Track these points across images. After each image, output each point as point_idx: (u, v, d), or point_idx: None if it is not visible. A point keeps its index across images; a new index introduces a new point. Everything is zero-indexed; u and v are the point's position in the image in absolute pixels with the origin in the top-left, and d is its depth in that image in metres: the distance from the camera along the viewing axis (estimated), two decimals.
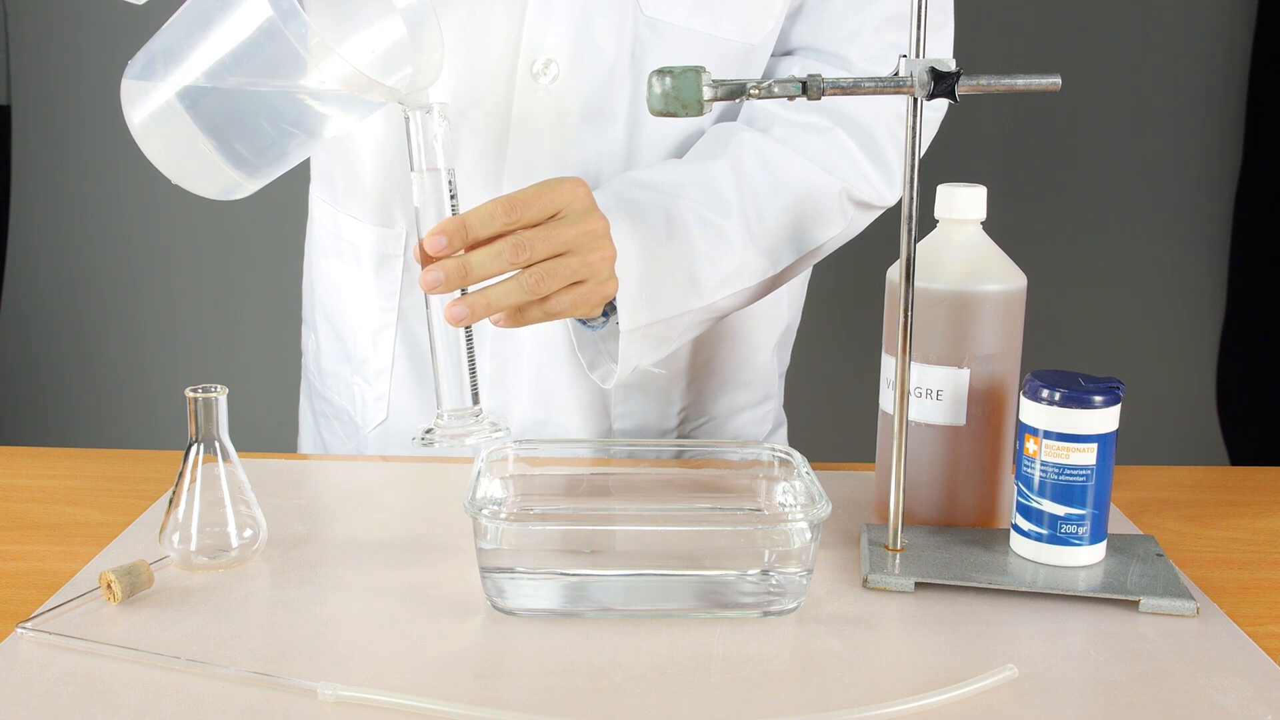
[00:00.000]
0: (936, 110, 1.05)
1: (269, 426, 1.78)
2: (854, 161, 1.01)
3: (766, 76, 1.02)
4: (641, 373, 1.00)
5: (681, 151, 1.03)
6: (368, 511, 0.92)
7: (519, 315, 0.85)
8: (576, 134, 1.00)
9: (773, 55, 1.04)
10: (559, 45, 0.97)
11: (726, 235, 0.96)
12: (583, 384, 1.06)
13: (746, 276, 0.98)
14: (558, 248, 0.84)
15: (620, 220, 0.90)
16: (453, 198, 0.82)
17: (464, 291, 0.82)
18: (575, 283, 0.85)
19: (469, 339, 0.84)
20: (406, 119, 0.81)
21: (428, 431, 0.84)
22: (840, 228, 1.02)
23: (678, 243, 0.94)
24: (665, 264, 0.93)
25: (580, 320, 0.96)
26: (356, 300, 1.11)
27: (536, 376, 1.06)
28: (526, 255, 0.82)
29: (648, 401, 1.09)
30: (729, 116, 1.05)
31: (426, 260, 0.81)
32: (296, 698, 0.66)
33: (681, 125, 1.02)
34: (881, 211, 1.05)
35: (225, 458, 0.81)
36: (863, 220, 1.04)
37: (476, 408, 0.84)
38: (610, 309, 0.93)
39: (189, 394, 0.80)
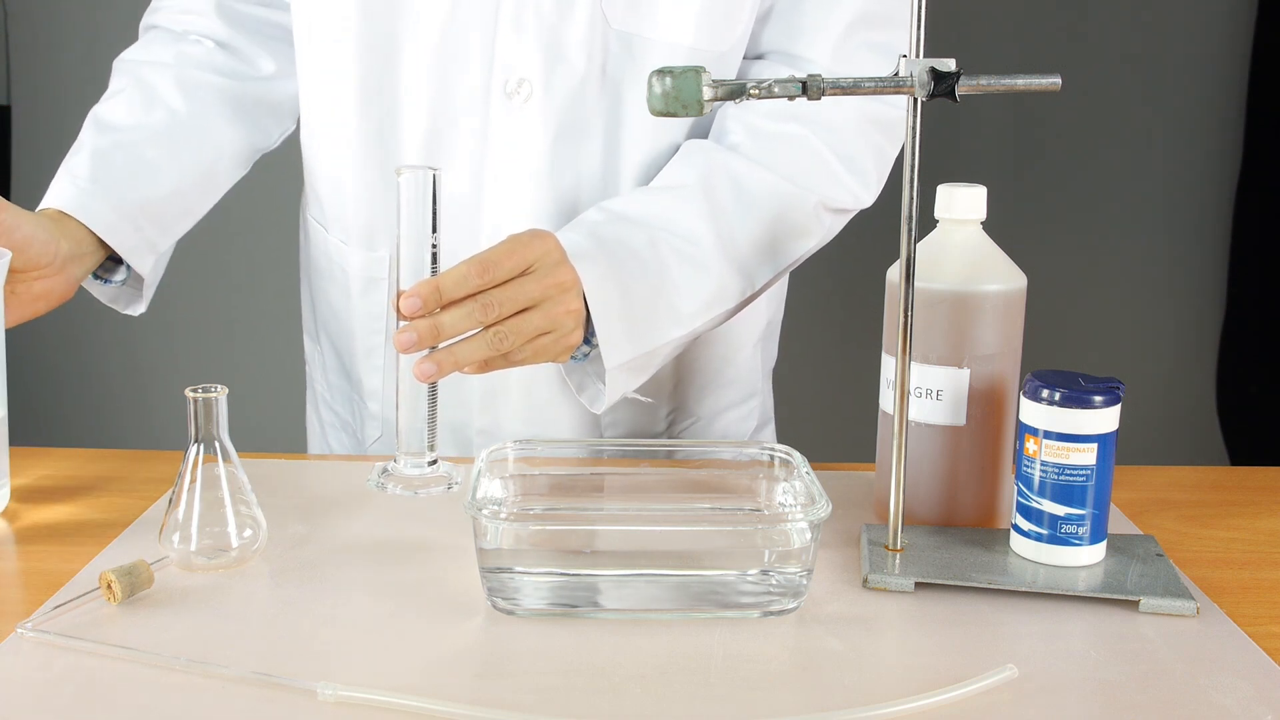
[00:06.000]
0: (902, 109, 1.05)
1: (270, 426, 1.78)
2: (829, 169, 1.01)
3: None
4: (629, 398, 1.01)
5: (658, 165, 1.03)
6: (368, 511, 0.92)
7: (484, 365, 0.88)
8: (553, 151, 1.00)
9: (745, 59, 1.04)
10: (531, 63, 0.98)
11: (702, 263, 0.97)
12: (572, 396, 1.06)
13: (724, 300, 0.99)
14: (523, 304, 0.87)
15: (597, 259, 0.92)
16: (434, 260, 0.85)
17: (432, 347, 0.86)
18: (540, 334, 0.89)
19: (432, 389, 0.87)
20: (399, 183, 0.84)
21: (383, 473, 0.88)
22: (816, 239, 1.03)
23: (654, 275, 0.95)
24: (643, 299, 0.94)
25: None
26: (348, 322, 1.13)
27: (527, 390, 1.07)
28: (495, 314, 0.86)
29: (635, 406, 1.10)
30: (703, 124, 1.05)
31: (402, 319, 0.84)
32: (296, 698, 0.66)
33: (656, 140, 1.02)
34: (856, 212, 1.06)
35: (225, 458, 0.81)
36: (839, 225, 1.05)
37: (432, 454, 0.88)
38: (593, 336, 0.94)
39: (189, 394, 0.80)
